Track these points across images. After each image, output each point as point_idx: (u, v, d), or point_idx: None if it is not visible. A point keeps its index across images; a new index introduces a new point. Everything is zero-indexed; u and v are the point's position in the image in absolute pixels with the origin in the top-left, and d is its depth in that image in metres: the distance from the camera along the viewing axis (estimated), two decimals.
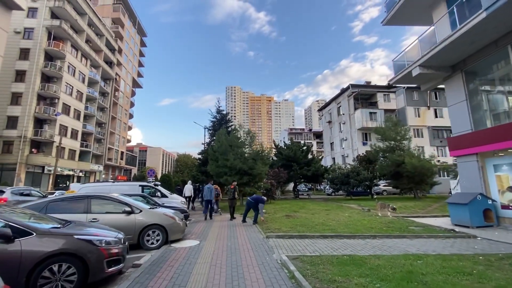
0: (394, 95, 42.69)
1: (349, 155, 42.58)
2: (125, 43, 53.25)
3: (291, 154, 27.47)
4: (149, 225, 6.75)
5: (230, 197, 12.59)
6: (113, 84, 47.94)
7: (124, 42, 52.96)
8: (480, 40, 9.29)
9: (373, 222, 9.99)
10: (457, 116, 11.01)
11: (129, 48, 55.67)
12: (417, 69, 11.14)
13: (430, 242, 7.06)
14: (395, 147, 24.61)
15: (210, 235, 8.29)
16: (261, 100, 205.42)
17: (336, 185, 24.29)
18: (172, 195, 13.48)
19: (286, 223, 10.03)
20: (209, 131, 30.14)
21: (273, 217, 12.02)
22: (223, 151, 17.72)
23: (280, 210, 14.77)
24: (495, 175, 9.47)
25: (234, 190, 12.62)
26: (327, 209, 15.48)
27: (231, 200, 12.58)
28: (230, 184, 13.57)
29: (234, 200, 12.60)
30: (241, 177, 16.97)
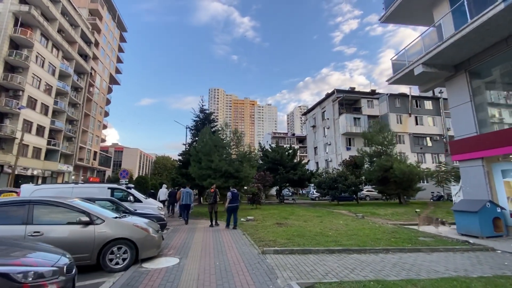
0: (378, 102, 43.30)
1: (332, 159, 42.42)
2: (102, 36, 50.02)
3: (277, 157, 26.42)
4: (113, 239, 5.20)
5: (211, 202, 11.33)
6: (87, 79, 44.59)
7: (102, 35, 49.74)
8: (490, 37, 8.71)
9: (377, 232, 9.00)
10: (460, 118, 10.42)
11: (107, 42, 52.41)
12: (420, 67, 10.46)
13: (453, 258, 6.10)
14: (382, 152, 24.37)
15: (192, 249, 6.82)
16: (245, 103, 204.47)
17: (323, 190, 23.48)
18: (147, 199, 11.77)
19: (280, 232, 8.77)
20: (191, 131, 28.33)
21: (263, 225, 10.72)
22: (207, 152, 16.22)
23: (269, 217, 13.50)
24: (504, 181, 8.86)
25: (215, 194, 11.41)
26: (318, 215, 14.44)
27: (211, 205, 11.31)
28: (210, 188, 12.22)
29: (215, 204, 11.36)
30: (226, 180, 15.55)
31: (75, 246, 4.81)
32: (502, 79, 9.74)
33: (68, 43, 37.78)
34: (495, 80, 10.00)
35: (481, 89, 10.13)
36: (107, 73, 53.16)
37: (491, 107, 9.99)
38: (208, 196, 11.57)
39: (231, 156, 16.84)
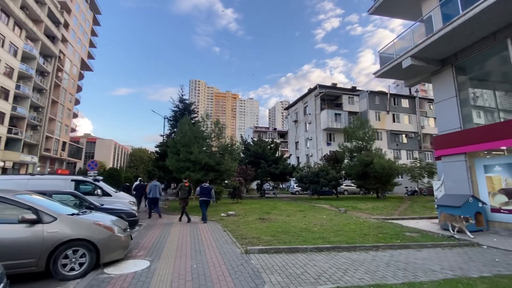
0: (358, 98, 44.04)
1: (313, 154, 42.76)
2: (73, 17, 46.18)
3: (259, 150, 25.88)
4: (68, 241, 4.32)
5: (183, 197, 10.72)
6: (55, 63, 41.03)
7: (73, 16, 45.91)
8: (480, 30, 8.60)
9: (362, 227, 8.73)
10: (445, 114, 10.39)
11: (78, 24, 48.50)
12: (409, 60, 10.25)
13: (444, 255, 5.87)
14: (363, 148, 24.67)
15: (166, 248, 6.05)
16: (226, 96, 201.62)
17: (305, 184, 23.37)
18: (118, 193, 10.70)
19: (263, 229, 8.23)
20: (169, 122, 26.94)
21: (246, 220, 10.13)
22: (186, 143, 15.25)
23: (251, 212, 12.95)
24: (486, 176, 8.92)
25: (189, 189, 10.96)
26: (301, 210, 14.13)
27: (184, 200, 10.69)
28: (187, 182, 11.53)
29: (187, 199, 10.86)
30: (206, 173, 14.74)
31: (15, 250, 3.90)
32: (488, 74, 9.79)
33: (33, 22, 34.34)
34: (481, 75, 10.03)
35: (466, 84, 10.14)
36: (78, 58, 49.38)
37: (476, 102, 10.03)
38: (182, 190, 10.90)
39: (212, 148, 16.00)
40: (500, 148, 8.70)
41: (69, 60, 45.88)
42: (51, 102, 40.38)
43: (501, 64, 9.09)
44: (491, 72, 9.64)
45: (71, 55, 46.29)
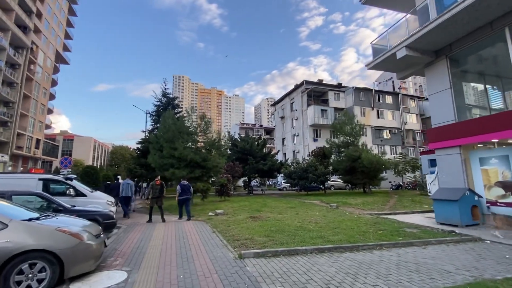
0: (344, 95, 44.29)
1: (300, 150, 42.66)
2: (47, 6, 43.13)
3: (247, 146, 25.23)
4: (22, 252, 3.49)
5: (155, 196, 10.11)
6: (27, 55, 38.13)
7: (46, 5, 42.86)
8: (477, 19, 8.35)
9: (359, 224, 8.34)
10: (439, 106, 10.19)
11: (52, 13, 45.39)
12: (404, 50, 9.93)
13: (451, 252, 5.52)
14: (350, 143, 24.62)
15: (148, 255, 5.29)
16: (211, 93, 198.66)
17: (293, 180, 23.00)
18: (94, 193, 9.71)
19: (256, 228, 7.62)
20: (152, 117, 25.68)
21: (236, 219, 9.47)
22: (169, 138, 14.31)
23: (240, 210, 12.31)
24: (481, 169, 8.77)
25: (161, 187, 10.27)
26: (291, 206, 13.67)
27: (155, 199, 10.11)
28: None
29: (160, 199, 10.26)
30: (192, 170, 13.91)
31: None
32: (484, 65, 9.63)
33: (2, 11, 31.59)
34: (476, 66, 9.88)
35: (461, 76, 9.96)
36: (53, 50, 46.29)
37: (471, 94, 9.89)
38: (153, 190, 10.22)
39: (198, 144, 15.16)
40: (496, 140, 8.54)
41: (43, 52, 42.88)
42: (22, 96, 37.55)
43: (497, 53, 8.93)
44: (487, 62, 9.49)
45: (44, 46, 43.27)
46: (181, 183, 10.51)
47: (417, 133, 47.26)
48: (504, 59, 8.48)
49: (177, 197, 10.24)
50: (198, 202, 15.47)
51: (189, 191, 10.47)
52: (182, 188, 10.29)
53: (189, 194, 10.43)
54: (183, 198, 10.24)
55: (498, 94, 9.29)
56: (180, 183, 10.53)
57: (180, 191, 10.24)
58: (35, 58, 40.58)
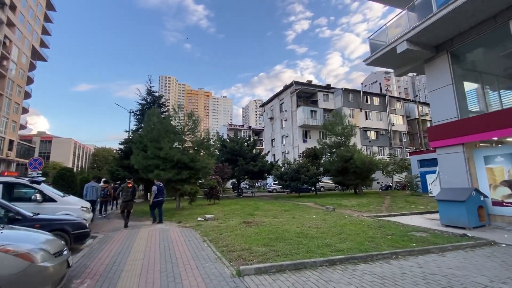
0: (333, 96, 44.35)
1: (289, 151, 42.26)
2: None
3: (236, 147, 24.35)
4: None
5: (126, 199, 9.43)
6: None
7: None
8: (482, 12, 7.99)
9: (363, 228, 7.70)
10: (440, 103, 9.80)
11: (28, 6, 42.79)
12: (404, 44, 9.48)
13: (473, 259, 4.94)
14: (342, 143, 24.30)
15: (125, 273, 4.36)
16: (199, 94, 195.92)
17: (285, 182, 22.33)
18: (66, 198, 8.56)
19: (252, 236, 6.81)
20: (136, 116, 24.31)
21: (228, 225, 8.60)
22: (154, 137, 13.24)
23: (232, 214, 11.44)
24: (486, 167, 8.39)
25: (132, 190, 9.65)
26: (286, 209, 12.95)
27: (126, 203, 9.34)
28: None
29: (130, 203, 9.55)
30: (179, 172, 12.89)
31: None
32: (488, 59, 9.32)
33: None
34: (479, 61, 9.56)
35: (464, 71, 9.62)
36: (29, 45, 43.62)
37: (475, 90, 9.55)
38: (125, 192, 9.49)
39: (185, 143, 14.16)
40: (503, 137, 8.18)
41: (17, 47, 40.25)
42: None
43: (502, 47, 8.62)
44: (491, 57, 9.18)
45: (19, 41, 40.65)
46: (157, 184, 10.10)
47: (403, 134, 48.09)
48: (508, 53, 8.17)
49: (152, 199, 9.79)
50: (185, 206, 14.45)
51: (164, 192, 10.23)
52: (158, 190, 9.90)
53: (164, 196, 10.17)
54: (159, 200, 9.90)
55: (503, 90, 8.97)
56: (156, 184, 10.10)
57: (156, 192, 9.81)
58: (8, 53, 38.00)
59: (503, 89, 8.92)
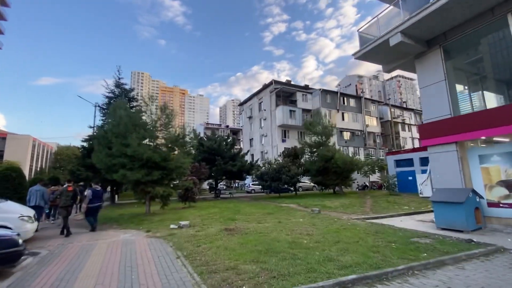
0: (311, 96, 44.48)
1: (268, 151, 41.60)
2: None
3: (214, 146, 22.98)
4: None
5: (66, 204, 8.35)
6: None
7: None
8: (480, 3, 7.60)
9: (359, 234, 6.91)
10: (432, 99, 9.40)
11: None
12: (398, 36, 8.92)
13: (495, 271, 4.31)
14: (322, 143, 23.95)
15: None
16: (174, 91, 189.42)
17: (265, 182, 21.40)
18: (3, 203, 6.79)
19: (237, 247, 5.69)
20: (102, 110, 21.98)
21: (207, 233, 7.38)
22: (121, 133, 11.57)
23: (210, 219, 10.20)
24: (481, 167, 8.04)
25: (73, 194, 8.63)
26: (269, 212, 11.98)
27: (65, 208, 8.32)
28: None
29: (70, 208, 8.52)
30: (149, 172, 11.36)
31: None
32: (483, 54, 9.04)
33: None
34: (474, 56, 9.27)
35: (458, 66, 9.30)
36: None
37: (469, 86, 9.26)
38: (64, 197, 8.34)
39: (157, 139, 12.62)
40: (500, 135, 7.86)
41: None
42: None
43: (498, 42, 8.34)
44: (487, 51, 8.91)
45: None
46: (93, 189, 9.08)
47: (377, 135, 49.61)
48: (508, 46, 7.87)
49: (86, 205, 8.65)
50: (156, 211, 12.89)
51: (101, 197, 9.35)
52: (94, 195, 8.90)
53: (102, 201, 9.33)
54: (94, 206, 8.83)
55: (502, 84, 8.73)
56: (91, 188, 9.09)
57: (91, 197, 8.78)
58: None
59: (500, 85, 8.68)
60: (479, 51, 9.04)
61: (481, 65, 9.31)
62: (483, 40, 8.70)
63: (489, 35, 8.43)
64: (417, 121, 57.91)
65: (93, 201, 8.79)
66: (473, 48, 9.07)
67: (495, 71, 9.09)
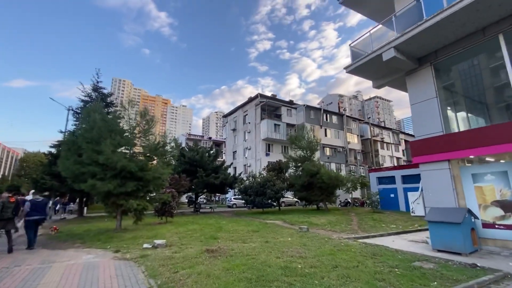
0: (295, 111, 44.93)
1: (251, 164, 40.90)
2: None
3: (197, 157, 21.92)
4: None
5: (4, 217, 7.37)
6: None
7: None
8: (472, 23, 7.69)
9: (357, 257, 6.29)
10: (423, 116, 9.31)
11: None
12: (392, 51, 8.85)
13: None
14: (307, 157, 23.69)
15: None
16: (156, 100, 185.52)
17: (249, 196, 20.50)
18: None
19: (222, 275, 4.85)
20: (76, 115, 20.40)
21: (185, 255, 6.43)
22: (94, 138, 10.43)
23: (190, 237, 9.19)
24: (475, 186, 7.86)
25: (15, 206, 7.66)
26: (254, 230, 11.13)
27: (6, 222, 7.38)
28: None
29: (11, 222, 7.51)
30: (123, 183, 10.22)
31: None
32: (474, 73, 9.13)
33: None
34: (465, 74, 9.35)
35: (448, 84, 9.32)
36: None
37: (460, 104, 9.27)
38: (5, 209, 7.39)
39: (135, 147, 11.56)
40: (494, 154, 7.76)
41: None
42: None
43: (489, 62, 8.46)
44: (478, 70, 9.01)
45: None
46: (33, 200, 8.32)
47: (358, 152, 50.69)
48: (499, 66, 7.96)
49: (25, 217, 7.91)
50: (129, 227, 11.61)
51: (44, 210, 8.49)
52: (33, 207, 8.06)
53: (44, 214, 8.46)
54: (34, 220, 7.95)
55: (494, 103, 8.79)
56: (32, 200, 8.35)
57: (29, 210, 7.97)
58: None
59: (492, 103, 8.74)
60: (472, 70, 9.16)
61: (468, 84, 9.42)
62: (474, 59, 8.82)
63: (479, 55, 8.54)
64: (395, 140, 60.18)
65: (31, 214, 7.93)
66: (466, 66, 9.18)
67: (480, 92, 9.21)
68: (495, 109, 8.70)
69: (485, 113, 8.75)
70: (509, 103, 8.46)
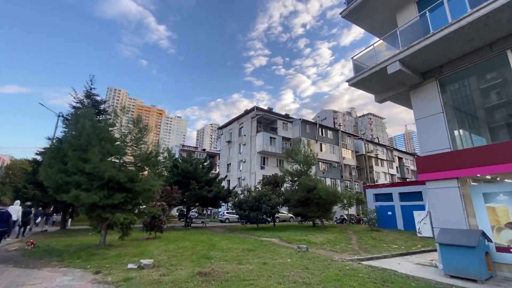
0: (291, 125, 44.85)
1: (246, 178, 40.10)
2: None
3: (190, 168, 21.16)
4: None
5: None
6: None
7: None
8: (480, 38, 7.54)
9: (366, 283, 5.67)
10: (429, 132, 8.98)
11: None
12: (397, 64, 8.62)
13: None
14: (304, 172, 23.18)
15: None
16: (151, 111, 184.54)
17: (244, 211, 19.67)
18: None
19: None
20: (66, 121, 19.58)
21: (175, 280, 5.70)
22: (81, 145, 9.73)
23: (180, 256, 8.40)
24: (487, 206, 7.42)
25: None
26: (250, 248, 10.37)
27: None
28: None
29: None
30: (110, 194, 9.46)
31: None
32: (482, 88, 8.91)
33: None
34: (472, 89, 9.13)
35: (455, 100, 9.08)
36: None
37: (468, 120, 8.99)
38: None
39: (125, 156, 10.87)
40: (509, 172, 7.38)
41: None
42: None
43: (497, 77, 8.27)
44: (485, 86, 8.80)
45: None
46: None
47: (353, 168, 50.50)
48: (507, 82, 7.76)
49: None
50: (113, 242, 10.71)
51: (6, 221, 7.57)
52: None
53: (6, 226, 7.59)
54: None
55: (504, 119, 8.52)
56: None
57: None
58: None
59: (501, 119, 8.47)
60: (479, 85, 8.97)
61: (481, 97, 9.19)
62: (480, 75, 8.64)
63: (485, 71, 8.37)
64: (388, 156, 60.42)
65: None
66: (473, 81, 8.99)
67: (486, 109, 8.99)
68: (505, 126, 8.43)
69: (495, 130, 8.48)
70: None
